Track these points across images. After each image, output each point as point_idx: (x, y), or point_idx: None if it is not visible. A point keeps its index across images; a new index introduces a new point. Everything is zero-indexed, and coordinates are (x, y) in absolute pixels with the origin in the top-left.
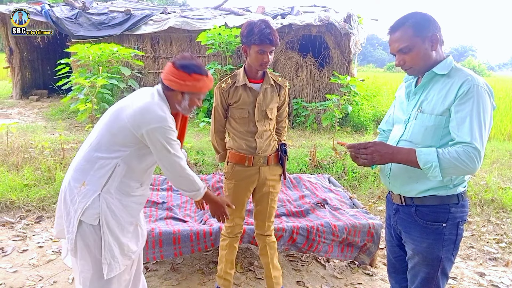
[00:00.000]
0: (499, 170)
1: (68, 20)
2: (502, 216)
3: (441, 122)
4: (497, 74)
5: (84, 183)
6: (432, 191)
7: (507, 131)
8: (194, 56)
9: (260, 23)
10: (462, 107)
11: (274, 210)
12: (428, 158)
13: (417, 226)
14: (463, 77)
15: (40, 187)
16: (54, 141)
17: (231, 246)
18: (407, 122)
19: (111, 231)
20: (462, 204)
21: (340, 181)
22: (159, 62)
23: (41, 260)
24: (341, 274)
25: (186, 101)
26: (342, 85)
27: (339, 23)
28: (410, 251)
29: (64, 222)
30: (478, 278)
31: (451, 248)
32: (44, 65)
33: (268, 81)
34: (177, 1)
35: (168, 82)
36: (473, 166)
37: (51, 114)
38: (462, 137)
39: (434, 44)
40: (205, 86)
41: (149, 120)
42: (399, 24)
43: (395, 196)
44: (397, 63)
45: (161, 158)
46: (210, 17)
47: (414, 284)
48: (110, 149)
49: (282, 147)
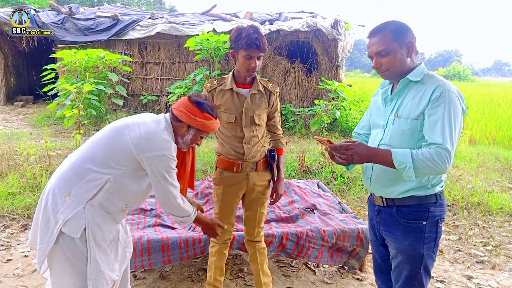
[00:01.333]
0: (484, 174)
1: (54, 25)
2: (488, 219)
3: (417, 126)
4: (481, 79)
5: (70, 194)
6: (412, 191)
7: (492, 135)
8: (210, 99)
9: (249, 28)
10: (434, 111)
11: (264, 216)
12: (403, 159)
13: (399, 226)
14: (436, 83)
15: (25, 195)
16: (40, 148)
17: (220, 252)
18: (385, 127)
19: (97, 244)
20: (440, 203)
21: (329, 186)
22: (147, 68)
23: (26, 270)
24: (331, 279)
25: (189, 135)
26: (330, 90)
27: (326, 29)
28: (393, 250)
29: (40, 231)
30: (466, 281)
31: (432, 246)
32: (30, 70)
33: (256, 87)
34: (165, 7)
35: (179, 112)
36: (444, 166)
37: (37, 121)
38: (434, 139)
39: (410, 50)
40: (211, 127)
41: (153, 147)
42: (379, 29)
43: (377, 198)
44: (373, 65)
45: (157, 185)
46: (198, 23)
47: (398, 283)
48: (104, 164)
49: (271, 153)
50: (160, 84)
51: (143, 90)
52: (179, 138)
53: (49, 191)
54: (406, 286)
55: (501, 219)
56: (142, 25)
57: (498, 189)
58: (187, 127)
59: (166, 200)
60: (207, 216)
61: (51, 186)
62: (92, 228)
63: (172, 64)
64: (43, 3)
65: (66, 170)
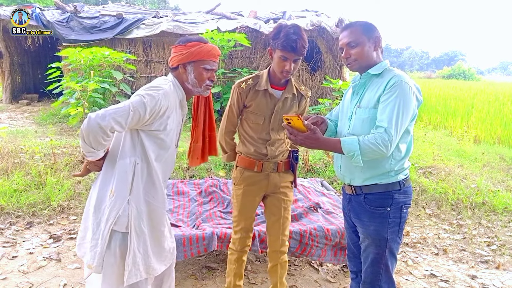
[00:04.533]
0: (489, 173)
1: (59, 24)
2: (492, 219)
3: (375, 114)
4: (486, 79)
5: (112, 191)
6: (376, 179)
7: (497, 135)
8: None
9: (290, 28)
10: (386, 97)
11: (288, 222)
12: (351, 147)
13: (366, 212)
14: (392, 75)
15: (30, 193)
16: (45, 145)
17: (239, 260)
18: (351, 118)
19: (137, 235)
20: (405, 190)
21: (332, 185)
22: (151, 66)
23: (31, 266)
24: (334, 278)
25: (191, 74)
26: (334, 89)
27: (330, 28)
28: (361, 235)
29: (93, 235)
30: (470, 280)
31: (396, 230)
32: (35, 69)
33: (290, 90)
34: (169, 5)
35: (170, 62)
36: (386, 150)
37: (42, 119)
38: (381, 123)
39: (376, 45)
40: (203, 51)
41: (144, 87)
42: (350, 25)
43: (347, 187)
44: (343, 56)
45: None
46: (202, 21)
47: (366, 264)
48: (123, 151)
49: (293, 154)
50: None
51: None
52: (186, 84)
53: (97, 193)
54: (373, 267)
55: (506, 218)
56: (147, 24)
57: (503, 188)
58: (183, 68)
59: (101, 113)
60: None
61: (98, 187)
62: (134, 219)
63: None
64: (48, 2)
65: (102, 170)
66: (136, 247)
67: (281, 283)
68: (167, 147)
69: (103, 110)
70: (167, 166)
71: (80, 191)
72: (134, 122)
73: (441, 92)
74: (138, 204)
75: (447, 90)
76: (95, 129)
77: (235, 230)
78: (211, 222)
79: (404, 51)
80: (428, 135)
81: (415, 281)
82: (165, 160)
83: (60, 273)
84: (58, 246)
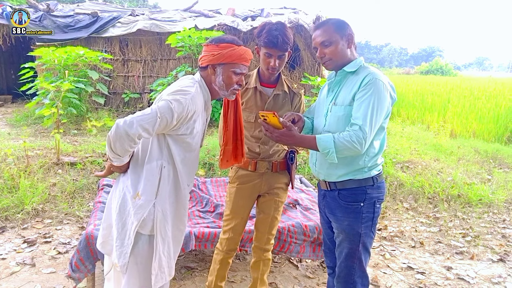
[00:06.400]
0: (465, 166)
1: (32, 23)
2: (468, 211)
3: (350, 111)
4: (463, 74)
5: (138, 193)
6: (350, 175)
7: (472, 129)
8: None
9: (273, 25)
10: (361, 95)
11: (277, 222)
12: (326, 145)
13: (340, 207)
14: (367, 72)
15: (3, 197)
16: (18, 148)
17: (224, 261)
18: (326, 115)
19: (162, 238)
20: (378, 186)
21: (311, 182)
22: (128, 65)
23: (3, 272)
24: (313, 274)
25: (219, 76)
26: (313, 86)
27: (308, 25)
28: (336, 230)
29: (118, 235)
30: (446, 272)
31: (369, 225)
32: (7, 69)
33: (281, 87)
34: (148, 3)
35: (200, 60)
36: (360, 148)
37: (15, 120)
38: (356, 121)
39: (350, 42)
40: (235, 54)
41: (170, 89)
42: (323, 23)
43: (322, 183)
44: (318, 55)
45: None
46: (180, 19)
47: (340, 259)
48: (155, 155)
49: (290, 154)
50: (142, 82)
51: (125, 88)
52: (213, 85)
53: (121, 194)
54: (347, 261)
55: (480, 210)
56: (123, 22)
57: (477, 181)
58: (213, 69)
59: (128, 120)
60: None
61: (122, 188)
62: (160, 222)
63: (154, 62)
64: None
65: (129, 171)
66: (161, 251)
67: (262, 280)
68: (193, 149)
69: (130, 117)
70: (191, 168)
71: (55, 193)
72: (161, 128)
73: (419, 87)
74: (163, 207)
75: (424, 86)
76: (122, 137)
77: (224, 230)
78: (190, 221)
79: (383, 48)
80: (405, 130)
81: (392, 274)
82: (191, 162)
83: (34, 278)
84: (32, 250)
